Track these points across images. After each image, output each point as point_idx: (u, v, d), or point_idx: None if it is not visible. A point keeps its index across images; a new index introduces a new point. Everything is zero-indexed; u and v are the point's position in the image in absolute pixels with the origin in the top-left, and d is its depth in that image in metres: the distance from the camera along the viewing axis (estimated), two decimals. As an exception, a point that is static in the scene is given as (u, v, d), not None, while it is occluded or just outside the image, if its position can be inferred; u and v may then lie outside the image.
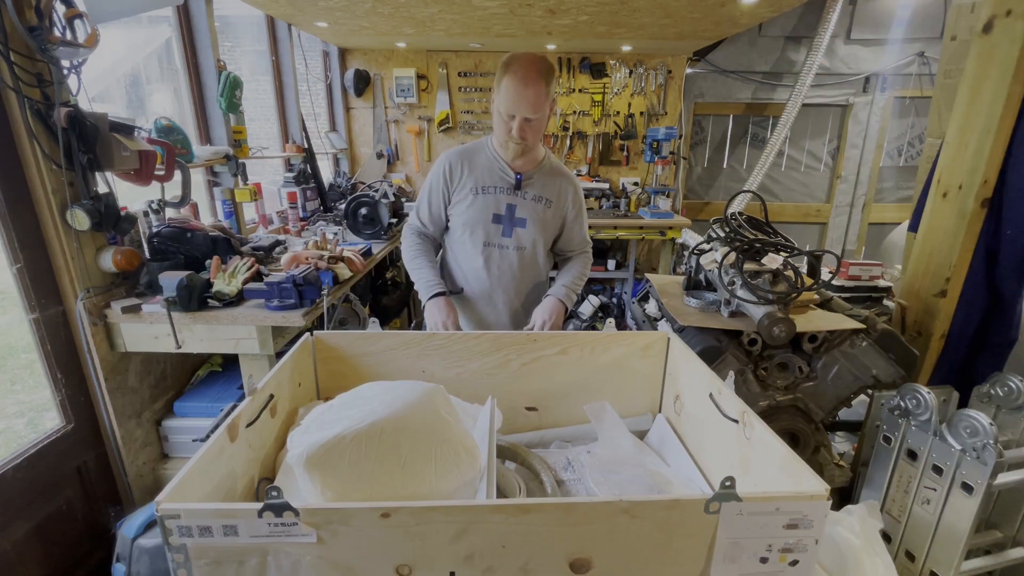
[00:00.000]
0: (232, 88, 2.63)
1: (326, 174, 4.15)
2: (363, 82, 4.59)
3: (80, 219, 1.67)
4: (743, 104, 5.02)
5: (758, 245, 1.76)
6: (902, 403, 1.58)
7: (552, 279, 1.90)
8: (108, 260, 1.80)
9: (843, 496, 1.83)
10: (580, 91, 4.67)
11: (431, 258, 1.83)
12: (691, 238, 4.07)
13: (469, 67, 4.59)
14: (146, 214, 2.04)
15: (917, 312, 2.04)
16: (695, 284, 1.98)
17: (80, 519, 1.83)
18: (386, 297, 3.65)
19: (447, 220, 1.82)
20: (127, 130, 1.77)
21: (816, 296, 1.85)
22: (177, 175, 2.08)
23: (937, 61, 4.35)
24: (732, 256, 1.70)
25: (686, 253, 2.51)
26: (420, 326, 1.78)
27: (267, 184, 3.51)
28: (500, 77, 1.58)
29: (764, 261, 1.78)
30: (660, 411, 1.36)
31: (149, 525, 1.49)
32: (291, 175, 3.50)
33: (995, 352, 1.92)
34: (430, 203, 1.81)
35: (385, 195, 3.27)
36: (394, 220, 3.24)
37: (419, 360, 1.28)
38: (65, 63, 1.60)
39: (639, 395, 1.35)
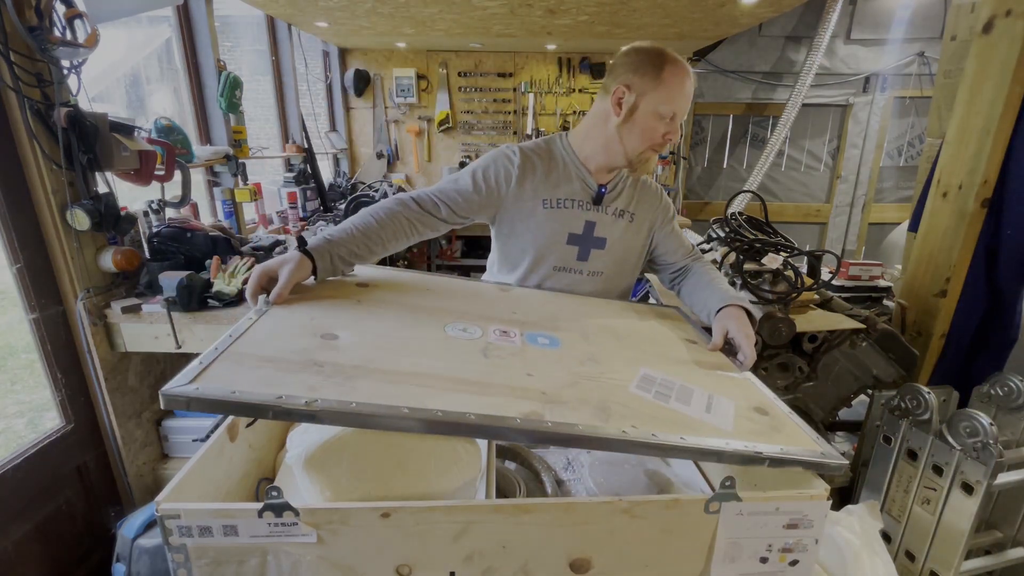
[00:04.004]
0: (232, 88, 2.64)
1: (326, 174, 4.15)
2: (363, 82, 4.59)
3: (80, 219, 1.67)
4: (743, 104, 5.02)
5: (758, 245, 1.76)
6: (902, 403, 1.57)
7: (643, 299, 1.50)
8: (108, 260, 1.80)
9: (843, 496, 1.82)
10: (580, 91, 4.67)
11: (379, 233, 1.19)
12: (691, 238, 4.07)
13: (469, 67, 4.59)
14: (146, 214, 2.04)
15: (917, 312, 2.04)
16: (695, 284, 1.98)
17: (80, 519, 1.83)
18: (386, 297, 3.65)
19: (460, 221, 1.38)
20: (127, 130, 1.77)
21: (816, 296, 1.85)
22: (177, 175, 2.08)
23: (937, 61, 4.35)
24: (732, 256, 1.70)
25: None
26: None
27: (267, 184, 3.51)
28: (655, 69, 1.22)
29: (764, 261, 1.78)
30: (660, 411, 1.36)
31: (149, 525, 1.49)
32: (291, 175, 3.50)
33: (995, 352, 1.92)
34: (467, 197, 1.33)
35: (385, 195, 3.27)
36: (394, 220, 3.23)
37: (419, 360, 1.28)
38: (65, 63, 1.60)
39: (639, 395, 1.35)
